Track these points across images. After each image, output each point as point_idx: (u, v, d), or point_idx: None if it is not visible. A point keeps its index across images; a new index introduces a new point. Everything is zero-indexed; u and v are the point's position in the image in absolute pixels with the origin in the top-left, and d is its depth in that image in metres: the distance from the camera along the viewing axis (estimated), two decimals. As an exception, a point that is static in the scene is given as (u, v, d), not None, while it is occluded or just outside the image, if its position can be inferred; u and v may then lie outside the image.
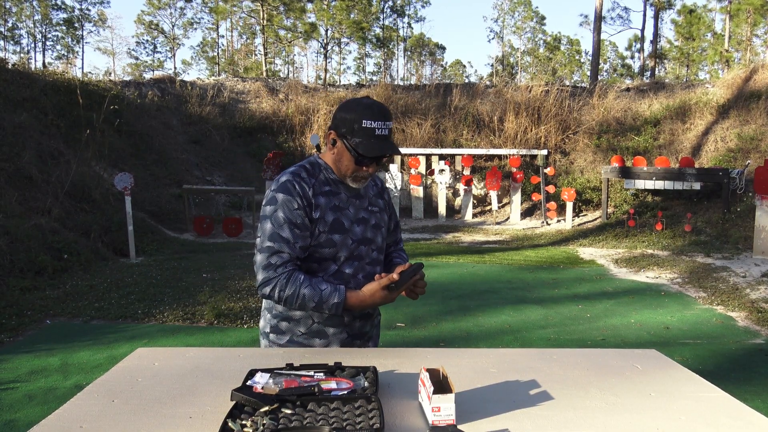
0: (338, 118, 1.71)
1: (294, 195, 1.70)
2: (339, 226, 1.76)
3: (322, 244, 1.74)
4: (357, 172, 1.74)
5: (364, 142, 1.67)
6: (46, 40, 38.09)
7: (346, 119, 1.69)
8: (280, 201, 1.69)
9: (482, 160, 13.86)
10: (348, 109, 1.69)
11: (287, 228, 1.68)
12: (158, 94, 14.53)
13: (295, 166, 1.79)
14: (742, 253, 8.64)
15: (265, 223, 1.70)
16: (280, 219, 1.69)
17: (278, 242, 1.68)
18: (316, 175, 1.78)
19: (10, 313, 5.27)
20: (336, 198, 1.78)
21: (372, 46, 38.96)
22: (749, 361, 4.42)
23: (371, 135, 1.67)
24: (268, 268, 1.68)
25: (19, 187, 8.24)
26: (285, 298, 1.67)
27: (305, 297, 1.67)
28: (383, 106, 1.71)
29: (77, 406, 1.25)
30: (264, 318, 1.86)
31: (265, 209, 1.72)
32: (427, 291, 3.80)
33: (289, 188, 1.71)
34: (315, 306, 1.68)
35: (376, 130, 1.67)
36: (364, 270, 1.84)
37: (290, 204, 1.69)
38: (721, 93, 13.67)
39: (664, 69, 42.32)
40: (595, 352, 1.67)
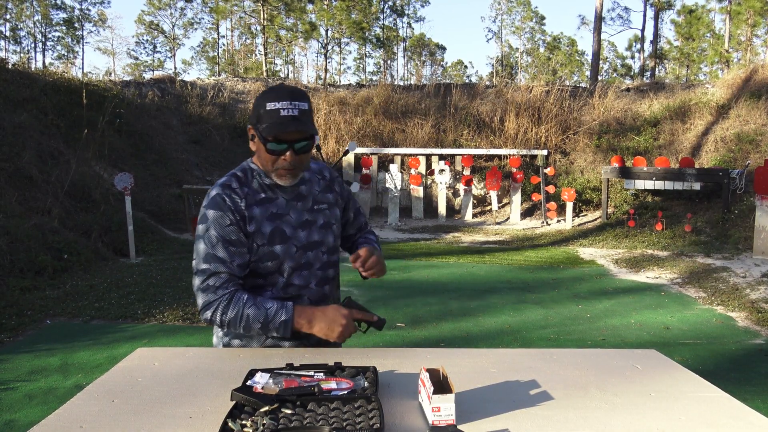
0: (252, 112, 1.63)
1: (225, 210, 1.59)
2: (279, 236, 1.65)
3: (263, 258, 1.63)
4: (275, 163, 1.61)
5: (268, 125, 1.55)
6: (46, 40, 38.11)
7: (254, 108, 1.61)
8: (211, 218, 1.59)
9: (482, 160, 13.86)
10: (257, 98, 1.61)
11: (221, 247, 1.58)
12: (158, 94, 14.53)
13: (227, 176, 1.67)
14: (742, 253, 8.64)
15: (198, 244, 1.61)
16: (212, 238, 1.59)
17: (213, 263, 1.58)
18: (249, 183, 1.66)
19: (10, 313, 5.27)
20: (273, 205, 1.66)
21: (372, 46, 38.97)
22: (749, 361, 4.42)
23: (276, 116, 1.55)
24: (207, 291, 1.59)
25: (19, 187, 8.24)
26: (228, 321, 1.58)
27: (249, 318, 1.57)
28: (292, 87, 1.60)
29: (77, 406, 1.25)
30: (216, 335, 1.76)
31: (198, 228, 1.62)
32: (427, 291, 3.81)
33: (219, 203, 1.60)
34: (261, 327, 1.58)
35: (281, 110, 1.54)
36: (315, 276, 1.73)
37: (222, 221, 1.59)
38: (721, 93, 13.67)
39: (664, 69, 42.33)
40: (595, 352, 1.67)
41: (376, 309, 6.20)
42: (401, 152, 13.55)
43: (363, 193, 12.86)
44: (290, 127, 1.55)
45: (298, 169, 1.65)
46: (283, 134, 1.56)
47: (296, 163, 1.61)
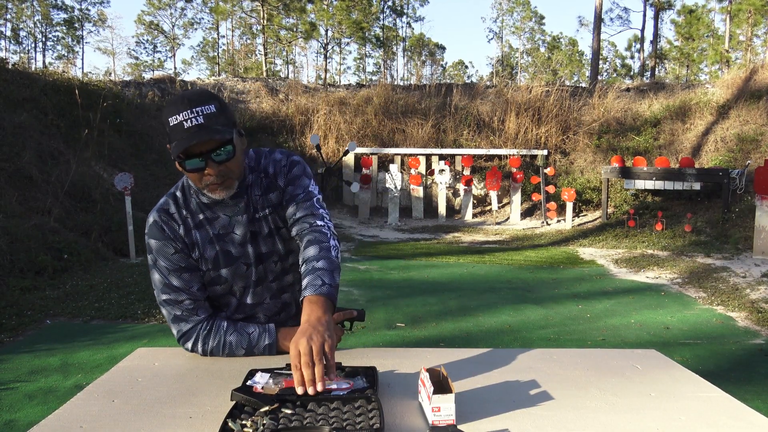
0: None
1: (166, 240, 1.51)
2: (225, 259, 1.55)
3: (211, 282, 1.56)
4: (202, 181, 1.44)
5: (176, 143, 1.39)
6: (46, 40, 38.11)
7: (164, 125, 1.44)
8: (155, 248, 1.51)
9: (482, 160, 13.86)
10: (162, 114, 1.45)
11: (174, 276, 1.51)
12: (158, 94, 14.53)
13: (164, 198, 1.55)
14: (742, 253, 8.64)
15: (152, 274, 1.54)
16: (163, 268, 1.51)
17: (172, 293, 1.52)
18: (187, 203, 1.55)
19: (10, 313, 5.27)
20: (214, 225, 1.54)
21: (372, 46, 38.97)
22: (749, 361, 4.42)
23: (180, 130, 1.39)
24: (178, 321, 1.53)
25: (19, 187, 8.24)
26: (210, 350, 1.53)
27: (232, 345, 1.53)
28: (192, 92, 1.43)
29: (77, 406, 1.25)
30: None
31: (148, 257, 1.54)
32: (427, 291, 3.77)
33: (158, 233, 1.51)
34: (245, 352, 1.53)
35: (184, 123, 1.38)
36: (270, 290, 1.63)
37: (166, 249, 1.51)
38: (721, 93, 13.67)
39: (664, 69, 42.33)
40: (595, 352, 1.66)
41: (376, 309, 6.21)
42: (401, 152, 13.55)
43: (363, 193, 12.86)
44: (196, 138, 1.36)
45: (229, 179, 1.47)
46: (193, 149, 1.39)
47: (223, 174, 1.43)
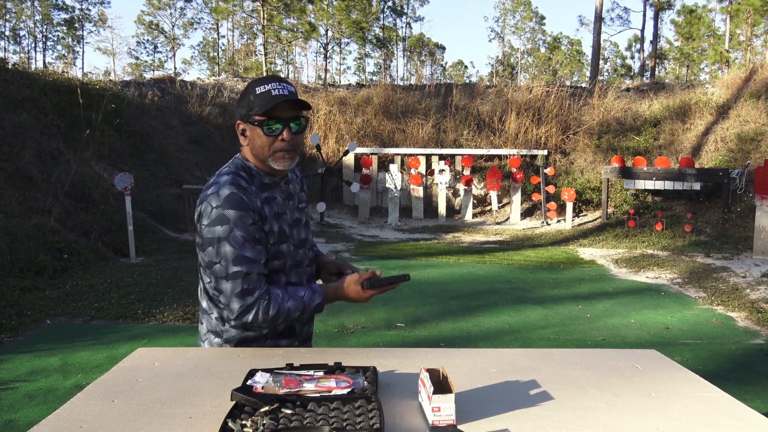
0: (238, 108, 1.64)
1: (246, 209, 1.55)
2: (283, 235, 1.66)
3: (273, 256, 1.64)
4: (272, 146, 1.59)
5: (261, 105, 1.56)
6: (46, 40, 38.11)
7: (242, 101, 1.62)
8: (233, 218, 1.53)
9: (482, 160, 13.86)
10: (243, 92, 1.63)
11: (249, 247, 1.55)
12: (158, 94, 14.53)
13: (230, 175, 1.61)
14: (742, 253, 8.64)
15: (222, 246, 1.54)
16: (239, 238, 1.54)
17: (245, 264, 1.54)
18: (253, 181, 1.64)
19: (10, 313, 5.27)
20: (275, 204, 1.66)
21: (372, 46, 38.97)
22: (749, 361, 4.42)
23: (268, 96, 1.56)
24: (245, 295, 1.55)
25: (19, 187, 8.24)
26: (270, 319, 1.57)
27: (290, 311, 1.59)
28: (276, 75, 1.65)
29: (77, 406, 1.25)
30: (210, 343, 1.70)
31: (215, 230, 1.53)
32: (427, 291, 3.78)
33: (239, 202, 1.55)
34: (300, 314, 1.62)
35: (272, 90, 1.56)
36: (306, 273, 1.76)
37: (245, 220, 1.55)
38: (721, 93, 13.67)
39: (664, 69, 42.34)
40: (595, 352, 1.67)
41: (376, 309, 6.20)
42: (401, 152, 13.55)
43: (363, 193, 12.86)
44: (283, 98, 1.55)
45: (295, 152, 1.63)
46: (278, 110, 1.56)
47: (293, 144, 1.61)
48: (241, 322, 1.57)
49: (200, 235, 1.60)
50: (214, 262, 1.56)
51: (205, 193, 1.60)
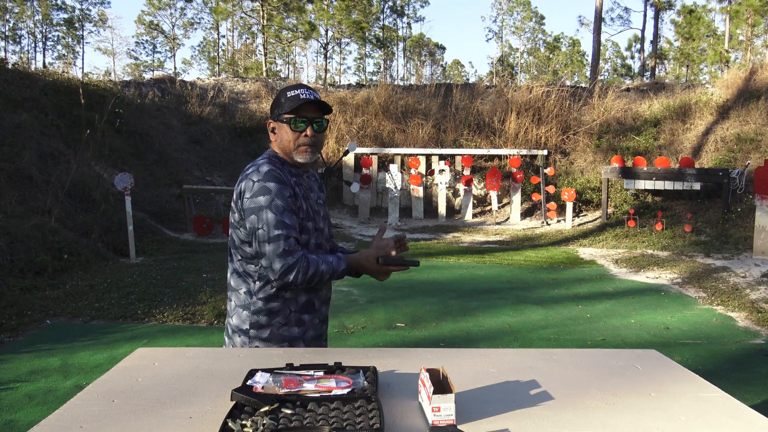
0: (273, 105, 1.88)
1: (284, 183, 1.77)
2: (309, 214, 1.87)
3: (301, 231, 1.83)
4: (297, 140, 1.82)
5: (289, 105, 1.81)
6: (46, 41, 38.11)
7: (274, 104, 1.87)
8: (274, 189, 1.74)
9: (482, 160, 13.86)
10: (277, 96, 1.88)
11: (287, 215, 1.75)
12: (158, 94, 14.53)
13: (266, 158, 1.84)
14: (742, 253, 8.64)
15: (263, 213, 1.73)
16: (279, 207, 1.73)
17: (284, 229, 1.73)
18: (284, 167, 1.87)
19: (10, 313, 5.27)
20: (302, 186, 1.89)
21: (372, 47, 38.97)
22: (749, 361, 4.42)
23: (296, 99, 1.81)
24: (286, 256, 1.72)
25: (19, 187, 8.24)
26: (307, 279, 1.75)
27: (323, 273, 1.77)
28: (303, 84, 1.93)
29: (77, 406, 1.25)
30: (239, 316, 1.86)
31: (258, 200, 1.74)
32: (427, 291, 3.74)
33: (277, 177, 1.76)
34: (329, 278, 1.82)
35: (300, 95, 1.81)
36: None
37: (284, 191, 1.76)
38: (721, 93, 13.67)
39: (664, 69, 42.34)
40: (595, 352, 1.67)
41: (376, 309, 6.20)
42: (401, 152, 13.55)
43: (363, 193, 12.86)
44: (308, 100, 1.81)
45: (317, 147, 1.88)
46: (304, 110, 1.82)
47: (315, 141, 1.85)
48: (283, 282, 1.73)
49: (240, 209, 1.78)
50: (257, 228, 1.73)
51: (245, 173, 1.80)
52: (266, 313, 1.82)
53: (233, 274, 1.89)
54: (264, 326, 1.82)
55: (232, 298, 1.89)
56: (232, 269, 1.89)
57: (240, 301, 1.85)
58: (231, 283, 1.90)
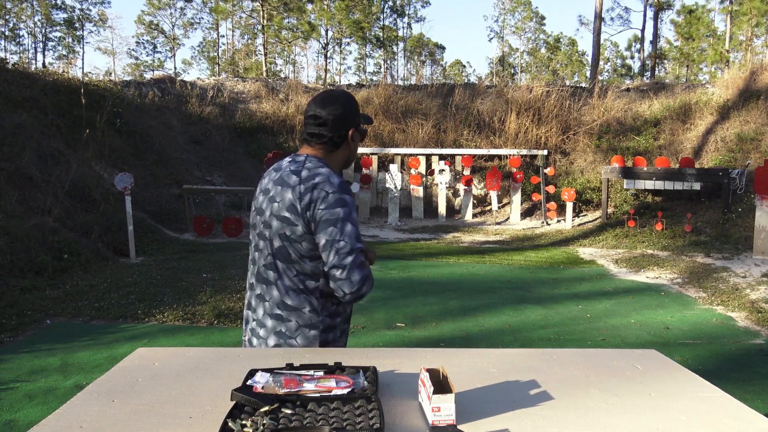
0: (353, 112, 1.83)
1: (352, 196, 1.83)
2: None
3: None
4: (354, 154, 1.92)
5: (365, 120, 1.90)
6: (47, 41, 38.11)
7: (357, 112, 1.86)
8: (350, 202, 1.73)
9: (482, 160, 13.86)
10: (354, 102, 1.86)
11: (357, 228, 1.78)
12: (158, 94, 14.53)
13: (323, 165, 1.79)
14: (742, 253, 8.64)
15: (344, 225, 1.69)
16: (355, 219, 1.74)
17: (360, 242, 1.73)
18: None
19: (10, 313, 5.27)
20: None
21: (372, 47, 38.97)
22: (749, 361, 4.42)
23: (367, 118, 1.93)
24: (363, 267, 1.71)
25: (19, 187, 8.24)
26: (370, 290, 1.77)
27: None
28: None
29: (77, 406, 1.25)
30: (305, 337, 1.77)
31: (336, 211, 1.69)
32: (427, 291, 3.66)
33: (348, 189, 1.76)
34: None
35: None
36: None
37: (354, 205, 1.77)
38: (721, 93, 13.67)
39: (664, 69, 42.33)
40: (595, 352, 1.67)
41: (376, 309, 6.20)
42: (401, 152, 13.55)
43: (363, 193, 12.86)
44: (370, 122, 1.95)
45: None
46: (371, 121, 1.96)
47: None
48: (358, 294, 1.70)
49: (310, 219, 1.70)
50: (337, 240, 1.69)
51: (312, 182, 1.72)
52: (331, 329, 1.80)
53: (290, 292, 1.75)
54: (330, 342, 1.80)
55: (292, 318, 1.76)
56: (286, 287, 1.75)
57: (305, 321, 1.75)
58: (286, 302, 1.75)
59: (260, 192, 1.85)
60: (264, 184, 1.85)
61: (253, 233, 1.87)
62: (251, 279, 1.87)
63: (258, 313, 1.81)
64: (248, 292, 1.89)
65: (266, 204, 1.79)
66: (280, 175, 1.79)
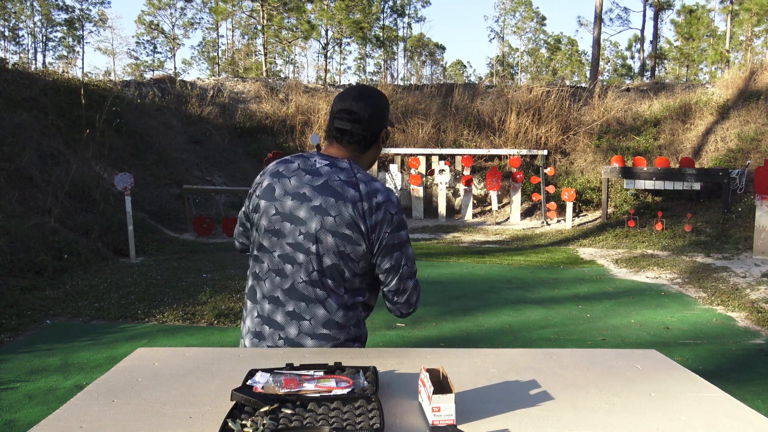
0: (386, 111, 1.71)
1: None
2: None
3: None
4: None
5: (391, 119, 1.88)
6: (47, 41, 38.11)
7: (387, 112, 1.74)
8: (406, 223, 1.71)
9: (482, 160, 13.86)
10: (387, 100, 1.73)
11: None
12: (158, 94, 14.53)
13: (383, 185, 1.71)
14: (742, 253, 8.64)
15: (407, 249, 1.67)
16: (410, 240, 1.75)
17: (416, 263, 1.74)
18: None
19: (10, 313, 5.27)
20: None
21: (372, 46, 38.97)
22: (749, 361, 4.42)
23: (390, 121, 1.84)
24: (418, 288, 1.76)
25: (19, 187, 8.24)
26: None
27: None
28: None
29: (77, 406, 1.25)
30: (347, 333, 1.71)
31: (401, 234, 1.64)
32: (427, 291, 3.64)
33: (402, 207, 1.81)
34: None
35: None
36: None
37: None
38: (721, 93, 13.67)
39: (664, 69, 42.35)
40: (595, 352, 1.67)
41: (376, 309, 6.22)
42: (401, 152, 13.55)
43: (363, 193, 12.85)
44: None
45: None
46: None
47: None
48: (414, 311, 1.78)
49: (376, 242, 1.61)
50: (402, 264, 1.67)
51: (375, 200, 1.60)
52: (365, 338, 1.83)
53: (340, 310, 1.65)
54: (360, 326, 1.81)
55: (341, 336, 1.67)
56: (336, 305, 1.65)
57: (350, 336, 1.71)
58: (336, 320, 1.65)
59: (284, 194, 1.61)
60: (289, 185, 1.61)
61: (278, 241, 1.62)
62: (275, 293, 1.64)
63: (289, 331, 1.63)
64: (267, 306, 1.65)
65: (307, 213, 1.58)
66: (327, 182, 1.59)
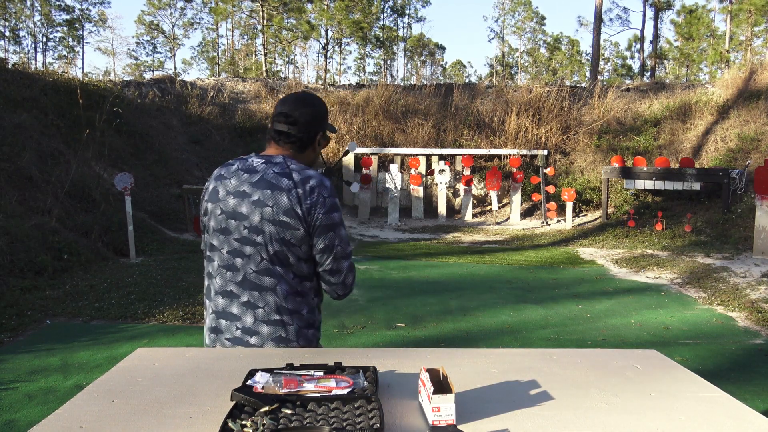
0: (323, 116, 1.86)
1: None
2: None
3: None
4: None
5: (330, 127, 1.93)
6: (47, 41, 38.11)
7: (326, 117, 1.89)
8: (339, 205, 1.78)
9: (482, 160, 13.86)
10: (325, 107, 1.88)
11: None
12: (158, 94, 14.53)
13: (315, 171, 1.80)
14: (742, 253, 8.64)
15: (340, 230, 1.75)
16: (344, 222, 1.79)
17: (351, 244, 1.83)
18: None
19: (10, 313, 5.27)
20: None
21: (372, 46, 38.98)
22: (749, 361, 4.42)
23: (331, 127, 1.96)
24: (353, 269, 1.83)
25: (19, 187, 8.24)
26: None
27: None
28: None
29: (77, 406, 1.25)
30: (306, 338, 1.77)
31: (333, 216, 1.73)
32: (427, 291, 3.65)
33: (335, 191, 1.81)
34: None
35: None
36: None
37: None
38: (721, 93, 13.67)
39: (664, 69, 42.34)
40: (595, 352, 1.67)
41: (376, 309, 6.20)
42: (401, 152, 13.55)
43: (363, 193, 12.86)
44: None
45: None
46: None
47: None
48: (349, 292, 1.83)
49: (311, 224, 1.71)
50: (335, 245, 1.75)
51: (308, 185, 1.71)
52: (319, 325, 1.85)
53: (290, 296, 1.72)
54: (319, 338, 1.86)
55: (293, 321, 1.73)
56: (285, 291, 1.72)
57: (304, 322, 1.75)
58: (287, 306, 1.72)
59: (226, 194, 1.74)
60: (230, 185, 1.75)
61: (225, 238, 1.76)
62: (227, 287, 1.74)
63: (245, 320, 1.72)
64: (222, 300, 1.75)
65: (248, 208, 1.69)
66: (262, 177, 1.71)
